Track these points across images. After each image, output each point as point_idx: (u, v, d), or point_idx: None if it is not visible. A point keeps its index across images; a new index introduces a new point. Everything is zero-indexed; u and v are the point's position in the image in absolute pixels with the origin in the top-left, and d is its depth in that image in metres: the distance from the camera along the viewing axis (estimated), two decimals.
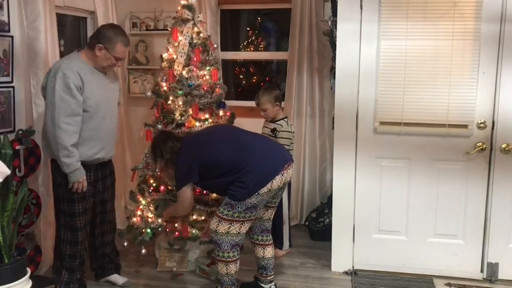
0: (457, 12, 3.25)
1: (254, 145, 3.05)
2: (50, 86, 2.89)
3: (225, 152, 2.99)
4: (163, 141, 3.12)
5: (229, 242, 2.96)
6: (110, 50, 2.99)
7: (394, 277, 3.52)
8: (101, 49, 2.98)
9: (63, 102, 2.86)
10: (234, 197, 2.89)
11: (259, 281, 3.27)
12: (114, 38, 2.99)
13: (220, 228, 2.94)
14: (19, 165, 3.23)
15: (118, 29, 3.12)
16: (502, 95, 3.26)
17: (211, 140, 3.10)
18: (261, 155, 2.99)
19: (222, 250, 2.97)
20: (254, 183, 2.87)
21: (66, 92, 2.86)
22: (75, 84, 2.89)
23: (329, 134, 4.47)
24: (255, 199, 2.90)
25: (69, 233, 3.10)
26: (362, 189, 3.54)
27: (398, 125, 3.42)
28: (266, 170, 2.92)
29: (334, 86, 3.58)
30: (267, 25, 5.75)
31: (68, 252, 3.12)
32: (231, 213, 2.91)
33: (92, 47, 3.00)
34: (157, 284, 3.48)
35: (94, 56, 3.01)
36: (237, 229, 2.95)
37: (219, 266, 3.02)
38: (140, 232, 3.51)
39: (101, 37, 2.99)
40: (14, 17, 3.32)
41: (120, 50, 3.03)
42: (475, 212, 3.42)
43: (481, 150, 3.33)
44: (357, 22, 3.38)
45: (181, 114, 3.53)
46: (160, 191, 3.51)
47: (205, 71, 3.62)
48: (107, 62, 3.03)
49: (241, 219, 2.94)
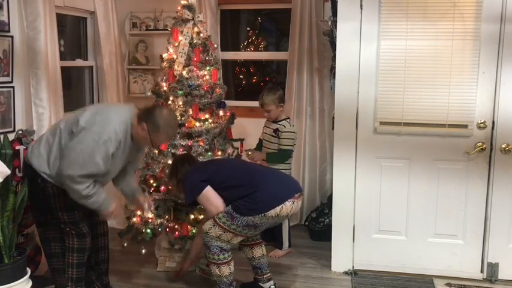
0: (457, 12, 3.25)
1: (266, 172, 3.14)
2: (90, 137, 2.68)
3: (237, 172, 3.06)
4: (182, 162, 3.18)
5: (218, 246, 2.96)
6: (151, 136, 2.82)
7: (394, 277, 3.52)
8: (144, 130, 2.81)
9: (91, 164, 2.68)
10: (238, 210, 2.88)
11: (257, 281, 3.27)
12: (160, 129, 2.80)
13: (212, 232, 2.95)
14: (19, 165, 3.22)
15: (171, 121, 2.90)
16: (502, 95, 3.26)
17: (222, 164, 3.23)
18: (274, 179, 3.03)
19: (212, 253, 2.97)
20: (264, 203, 2.86)
21: (102, 157, 2.69)
22: (110, 153, 2.73)
23: (329, 134, 4.47)
24: (259, 220, 2.88)
25: (71, 228, 2.95)
26: (362, 189, 3.54)
27: (398, 125, 3.42)
28: (278, 193, 2.92)
29: (334, 86, 3.58)
30: (267, 25, 5.75)
31: (76, 261, 2.96)
32: (229, 223, 2.91)
33: (139, 121, 2.82)
34: (157, 284, 3.48)
35: (136, 127, 2.83)
36: (228, 238, 2.95)
37: (212, 269, 3.03)
38: (140, 232, 3.51)
39: (150, 120, 2.80)
40: (14, 17, 3.33)
41: (160, 140, 2.93)
42: (475, 212, 3.42)
43: (481, 150, 3.33)
44: (357, 22, 3.38)
45: (181, 114, 3.53)
46: (160, 191, 3.50)
47: (205, 71, 3.62)
48: (144, 141, 2.90)
49: (236, 233, 2.94)
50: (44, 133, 2.95)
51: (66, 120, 2.87)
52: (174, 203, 3.48)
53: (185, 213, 3.51)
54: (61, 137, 2.79)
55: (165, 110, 2.96)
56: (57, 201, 2.86)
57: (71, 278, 2.94)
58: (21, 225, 3.18)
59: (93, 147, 2.67)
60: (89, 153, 2.67)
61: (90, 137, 2.68)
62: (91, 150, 2.67)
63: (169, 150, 3.54)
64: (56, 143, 2.79)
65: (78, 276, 2.96)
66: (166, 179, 3.42)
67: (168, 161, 3.50)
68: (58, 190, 2.83)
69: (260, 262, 3.22)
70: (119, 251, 3.93)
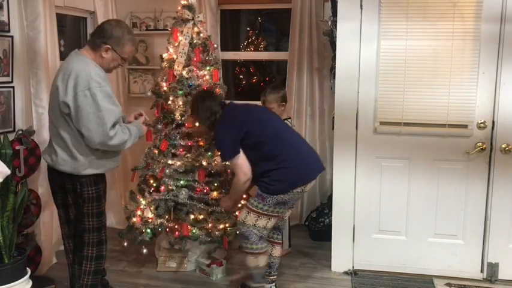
0: (457, 12, 3.25)
1: (298, 143, 3.09)
2: (87, 101, 2.58)
3: (274, 140, 2.98)
4: (203, 99, 3.12)
5: (256, 234, 2.99)
6: (118, 51, 2.74)
7: (394, 277, 3.52)
8: (108, 50, 2.72)
9: (109, 113, 2.61)
10: (268, 190, 2.92)
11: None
12: (122, 38, 2.73)
13: (248, 220, 2.98)
14: (19, 165, 3.22)
15: (124, 26, 2.82)
16: (502, 95, 3.26)
17: (259, 117, 3.10)
18: (304, 154, 3.03)
19: (251, 242, 2.99)
20: (292, 180, 2.91)
21: (109, 101, 2.63)
22: (110, 92, 2.68)
23: (329, 134, 4.47)
24: (287, 196, 2.93)
25: (95, 235, 2.88)
26: (362, 189, 3.54)
27: (398, 125, 3.42)
28: (306, 171, 2.97)
29: (334, 86, 3.58)
30: (267, 25, 5.75)
31: (96, 254, 2.89)
32: (261, 205, 2.94)
33: (97, 48, 2.73)
34: (157, 284, 3.48)
35: (100, 57, 2.74)
36: (264, 223, 2.98)
37: (249, 259, 3.04)
38: (140, 232, 3.51)
39: (107, 37, 2.71)
40: (14, 17, 3.33)
41: (128, 50, 2.81)
42: (475, 212, 3.42)
43: (481, 150, 3.33)
44: (357, 22, 3.38)
45: (181, 114, 3.53)
46: (160, 191, 3.50)
47: (205, 71, 3.62)
48: (113, 63, 2.79)
49: (269, 214, 2.97)
50: (51, 141, 2.81)
51: (51, 118, 2.77)
52: (174, 203, 3.48)
53: (185, 213, 3.51)
54: (64, 129, 2.68)
55: (111, 20, 2.88)
56: (89, 206, 2.78)
57: (85, 285, 2.86)
58: (21, 225, 3.18)
59: (100, 102, 2.59)
60: (96, 108, 2.59)
61: (89, 99, 2.58)
62: (96, 104, 2.59)
63: (170, 150, 3.54)
64: (68, 137, 2.68)
65: (93, 283, 2.89)
66: (189, 116, 3.35)
67: (168, 160, 3.51)
68: (94, 193, 2.77)
69: (274, 262, 3.24)
70: (119, 251, 3.94)
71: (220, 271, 3.57)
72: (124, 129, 2.75)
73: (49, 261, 3.67)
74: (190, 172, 3.51)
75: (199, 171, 3.49)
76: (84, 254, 2.84)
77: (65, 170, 2.70)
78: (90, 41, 2.78)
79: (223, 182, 3.62)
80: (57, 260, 3.77)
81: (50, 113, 2.81)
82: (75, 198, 2.78)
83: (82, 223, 2.80)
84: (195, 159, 3.51)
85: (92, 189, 2.76)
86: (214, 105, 3.10)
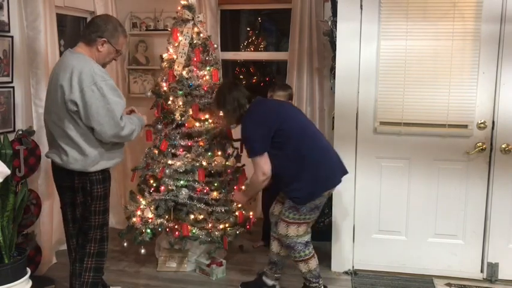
0: (457, 12, 3.25)
1: (324, 143, 3.07)
2: (95, 95, 2.60)
3: (300, 132, 2.97)
4: (229, 90, 3.09)
5: (301, 243, 3.00)
6: (113, 43, 2.79)
7: (394, 277, 3.52)
8: (104, 43, 2.76)
9: (117, 105, 2.67)
10: (300, 200, 2.92)
11: (265, 276, 3.29)
12: (115, 30, 2.79)
13: (290, 232, 2.99)
14: (19, 165, 3.22)
15: (114, 19, 2.90)
16: (502, 95, 3.26)
17: (289, 113, 3.05)
18: (331, 155, 3.04)
19: (298, 251, 3.01)
20: (322, 183, 2.92)
21: (115, 94, 2.68)
22: (114, 84, 2.73)
23: (329, 134, 4.46)
24: (318, 200, 2.95)
25: (98, 232, 2.91)
26: (362, 189, 3.54)
27: (398, 125, 3.42)
28: (333, 173, 3.00)
29: (334, 86, 3.58)
30: (267, 25, 5.75)
31: (98, 250, 2.92)
32: (297, 216, 2.95)
33: (92, 42, 2.75)
34: (157, 284, 3.48)
35: (96, 51, 2.77)
36: (304, 229, 3.01)
37: (300, 266, 3.06)
38: (140, 232, 3.51)
39: (102, 30, 2.75)
40: (14, 17, 3.32)
41: (122, 42, 2.86)
42: (475, 212, 3.42)
43: (481, 150, 3.33)
44: (357, 22, 3.38)
45: (181, 114, 3.53)
46: (160, 191, 3.50)
47: (205, 71, 3.62)
48: (109, 56, 2.84)
49: (307, 221, 2.99)
50: (55, 142, 2.77)
51: (52, 118, 2.74)
52: (174, 203, 3.48)
53: (185, 213, 3.50)
54: (71, 128, 2.67)
55: (101, 15, 3.00)
56: (97, 204, 2.82)
57: (86, 282, 2.87)
58: (21, 225, 3.18)
59: (107, 95, 2.63)
60: (104, 101, 2.62)
61: (96, 94, 2.61)
62: (104, 97, 2.62)
63: (170, 150, 3.54)
64: (77, 135, 2.68)
65: (94, 280, 2.90)
66: (212, 107, 3.35)
67: (168, 161, 3.51)
68: (102, 191, 2.81)
69: (282, 261, 3.25)
70: (119, 251, 3.94)
71: (220, 271, 3.57)
72: (130, 119, 2.81)
73: (49, 261, 3.67)
74: (190, 172, 3.50)
75: (199, 171, 3.49)
76: (87, 251, 2.86)
77: (77, 168, 2.73)
78: (85, 36, 2.79)
79: (223, 182, 3.62)
80: (57, 260, 3.77)
81: (48, 115, 2.79)
82: (84, 197, 2.80)
83: (88, 221, 2.83)
84: (195, 159, 3.51)
85: (101, 187, 2.81)
86: (241, 97, 3.06)
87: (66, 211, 2.91)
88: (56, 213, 3.66)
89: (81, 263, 2.87)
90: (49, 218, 3.61)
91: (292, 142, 2.92)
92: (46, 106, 2.85)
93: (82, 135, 2.69)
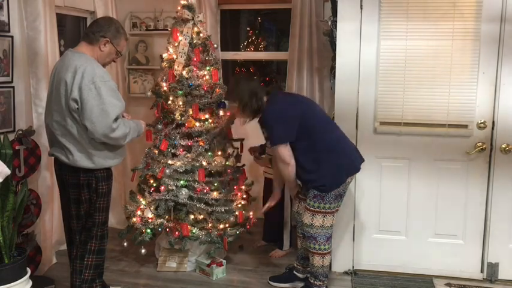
0: (457, 12, 3.25)
1: (341, 132, 3.15)
2: (92, 94, 2.63)
3: (322, 121, 3.07)
4: (247, 81, 3.13)
5: (324, 235, 3.03)
6: (115, 44, 2.84)
7: (394, 277, 3.52)
8: (107, 43, 2.81)
9: (113, 107, 2.68)
10: (325, 188, 2.96)
11: (296, 270, 3.39)
12: (118, 32, 2.86)
13: (315, 222, 3.02)
14: (19, 165, 3.22)
15: (117, 22, 2.95)
16: (502, 95, 3.26)
17: (308, 103, 3.17)
18: (349, 143, 3.13)
19: (319, 243, 3.04)
20: (345, 169, 2.99)
21: (113, 96, 2.70)
22: (115, 87, 2.76)
23: None
24: (341, 188, 3.00)
25: (100, 229, 2.94)
26: (362, 189, 3.54)
27: (398, 125, 3.42)
28: (354, 159, 3.07)
29: (334, 86, 3.58)
30: (267, 25, 5.75)
31: (99, 247, 2.95)
32: (322, 205, 2.99)
33: (95, 42, 2.80)
34: (157, 284, 3.48)
35: (98, 51, 2.82)
36: (330, 221, 3.05)
37: (315, 259, 3.08)
38: (140, 232, 3.51)
39: (105, 30, 2.81)
40: (14, 17, 3.32)
41: (123, 44, 2.92)
42: (475, 212, 3.42)
43: (481, 150, 3.33)
44: (357, 22, 3.38)
45: (181, 114, 3.53)
46: (160, 191, 3.50)
47: (205, 71, 3.62)
48: (109, 57, 2.89)
49: (332, 211, 3.03)
50: (58, 141, 2.79)
51: (55, 119, 2.76)
52: (174, 203, 3.48)
53: (185, 213, 3.51)
54: (74, 126, 2.71)
55: (104, 17, 3.10)
56: (101, 200, 2.87)
57: (86, 280, 2.89)
58: (21, 225, 3.18)
59: (98, 94, 2.64)
60: (100, 101, 2.64)
61: (94, 92, 2.64)
62: (100, 97, 2.64)
63: (170, 150, 3.54)
64: (82, 133, 2.71)
65: (94, 278, 2.94)
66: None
67: (168, 160, 3.51)
68: (106, 188, 2.87)
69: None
70: (118, 251, 3.94)
71: (220, 271, 3.57)
72: (125, 123, 2.81)
73: (49, 261, 3.67)
74: (190, 172, 3.51)
75: (199, 171, 3.49)
76: (88, 248, 2.89)
77: (85, 165, 2.77)
78: (88, 36, 2.84)
79: (223, 182, 3.62)
80: (57, 260, 3.77)
81: (49, 115, 2.80)
82: (89, 193, 2.83)
83: (93, 217, 2.87)
84: (195, 159, 3.51)
85: (105, 183, 2.86)
86: (259, 89, 3.08)
87: (70, 208, 2.92)
88: (56, 213, 3.66)
89: (82, 260, 2.90)
90: (49, 218, 3.61)
91: (315, 132, 2.99)
92: (47, 106, 2.87)
93: (85, 133, 2.72)
